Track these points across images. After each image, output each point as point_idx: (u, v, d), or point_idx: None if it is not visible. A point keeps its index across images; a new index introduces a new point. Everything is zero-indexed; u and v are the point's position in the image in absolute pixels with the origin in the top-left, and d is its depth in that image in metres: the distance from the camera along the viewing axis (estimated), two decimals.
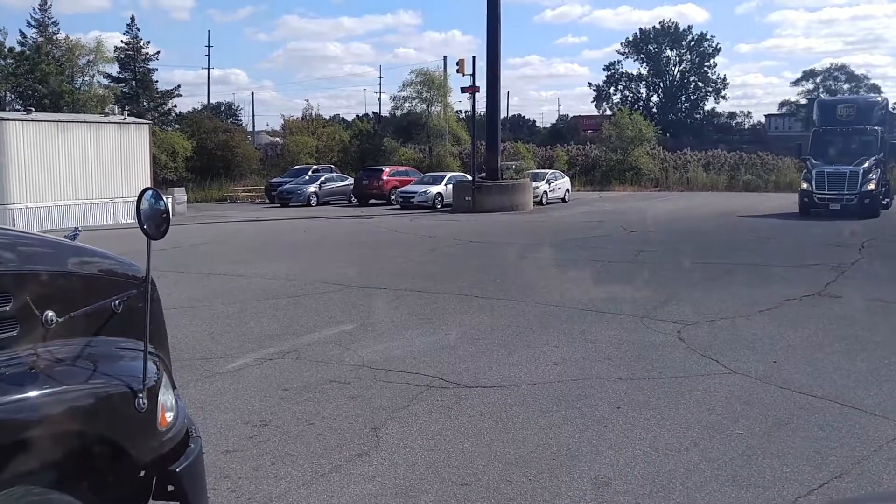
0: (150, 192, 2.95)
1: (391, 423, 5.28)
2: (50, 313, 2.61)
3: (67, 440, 2.40)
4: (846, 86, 77.56)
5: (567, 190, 34.92)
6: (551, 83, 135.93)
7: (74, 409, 2.47)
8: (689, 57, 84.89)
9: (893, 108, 62.02)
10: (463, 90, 31.12)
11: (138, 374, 2.70)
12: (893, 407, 5.48)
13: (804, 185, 23.77)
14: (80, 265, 3.07)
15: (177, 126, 46.31)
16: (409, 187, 32.67)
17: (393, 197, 33.23)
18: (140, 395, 2.66)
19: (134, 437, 2.71)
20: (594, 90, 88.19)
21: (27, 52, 41.38)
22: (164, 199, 3.04)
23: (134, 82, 47.20)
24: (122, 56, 47.09)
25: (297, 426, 5.25)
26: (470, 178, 31.02)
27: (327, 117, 58.65)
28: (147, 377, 2.72)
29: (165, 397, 2.90)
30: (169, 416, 2.90)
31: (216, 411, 5.52)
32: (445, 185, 31.99)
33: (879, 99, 29.07)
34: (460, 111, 50.21)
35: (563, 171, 38.78)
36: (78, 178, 24.60)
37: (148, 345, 2.75)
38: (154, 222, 2.89)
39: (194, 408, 4.91)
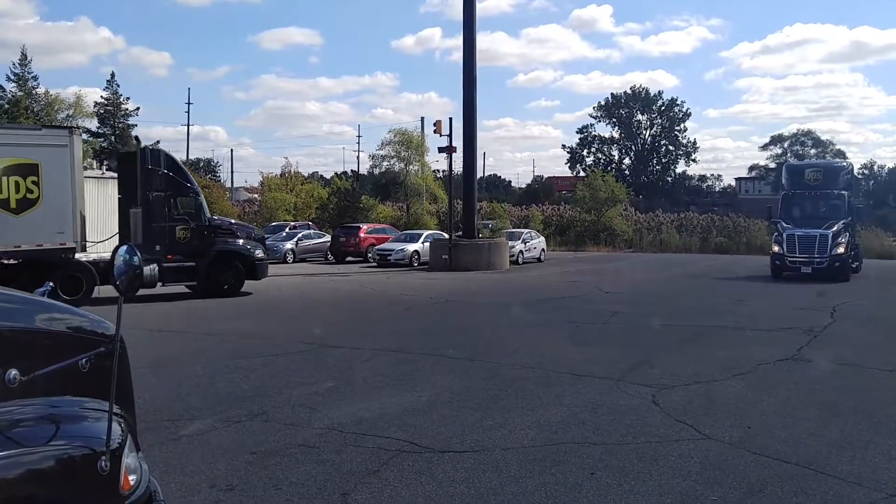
0: (124, 247, 2.92)
1: (361, 488, 5.16)
2: (13, 372, 2.55)
3: None
4: (813, 150, 79.89)
5: (542, 250, 35.17)
6: (525, 145, 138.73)
7: (33, 472, 2.39)
8: (659, 121, 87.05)
9: (859, 174, 63.64)
10: (440, 150, 31.54)
11: (102, 436, 2.64)
12: (867, 473, 5.47)
13: (776, 248, 24.13)
14: (48, 322, 3.02)
15: None
16: (386, 245, 32.72)
17: (370, 254, 33.24)
18: (103, 457, 2.60)
19: (95, 500, 2.64)
20: (568, 152, 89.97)
21: (6, 105, 41.44)
22: (139, 254, 3.00)
23: (113, 137, 47.28)
24: (102, 111, 47.32)
25: (264, 491, 5.11)
26: (447, 236, 31.16)
27: (306, 174, 59.09)
28: (111, 439, 2.65)
29: (129, 459, 2.83)
30: (132, 479, 2.82)
31: (181, 475, 5.37)
32: (422, 243, 32.09)
33: (845, 164, 29.79)
34: (437, 170, 50.82)
35: (538, 231, 39.13)
36: None
37: (113, 405, 2.69)
38: (127, 278, 2.85)
39: (159, 471, 4.77)
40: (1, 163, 15.81)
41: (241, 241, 19.22)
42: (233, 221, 21.83)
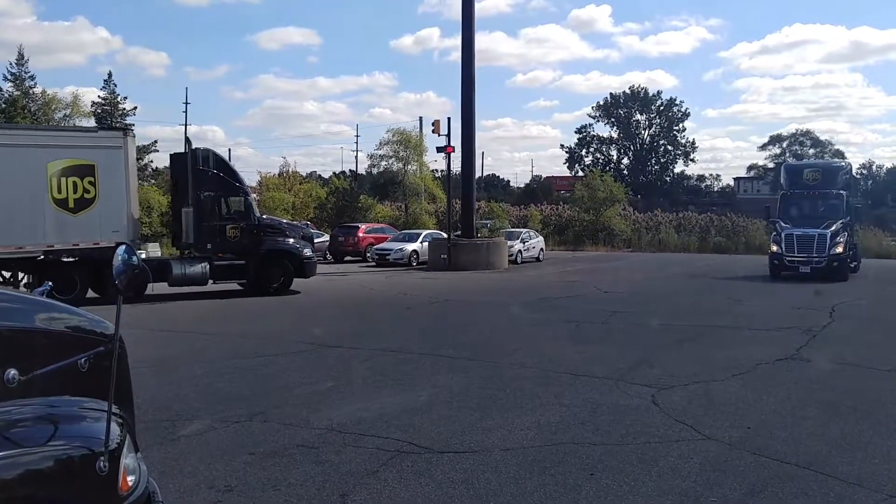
0: (123, 247, 2.91)
1: (360, 489, 5.15)
2: (12, 372, 2.55)
3: None
4: (811, 150, 79.92)
5: (541, 249, 35.16)
6: (524, 144, 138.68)
7: (31, 473, 2.39)
8: (658, 121, 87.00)
9: (857, 174, 63.71)
10: (439, 150, 31.52)
11: (100, 436, 2.63)
12: (867, 474, 5.46)
13: (774, 248, 24.12)
14: (47, 321, 3.02)
15: (153, 181, 46.18)
16: (384, 245, 32.70)
17: (368, 254, 33.21)
18: (102, 457, 2.59)
19: (94, 501, 2.63)
20: (566, 152, 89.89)
21: (3, 105, 41.34)
22: (138, 254, 2.99)
23: None
24: (99, 111, 47.19)
25: (263, 492, 5.10)
26: (445, 236, 31.15)
27: (304, 174, 58.97)
28: (110, 439, 2.64)
29: (128, 460, 2.82)
30: (131, 480, 2.82)
31: (180, 475, 5.36)
32: (421, 242, 32.08)
33: (844, 164, 29.79)
34: (436, 170, 50.79)
35: (537, 231, 39.11)
36: None
37: (112, 405, 2.68)
38: (126, 278, 2.84)
39: (157, 471, 4.76)
40: (59, 164, 16.39)
41: (290, 240, 19.55)
42: (284, 221, 22.38)
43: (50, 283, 3.97)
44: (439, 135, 30.62)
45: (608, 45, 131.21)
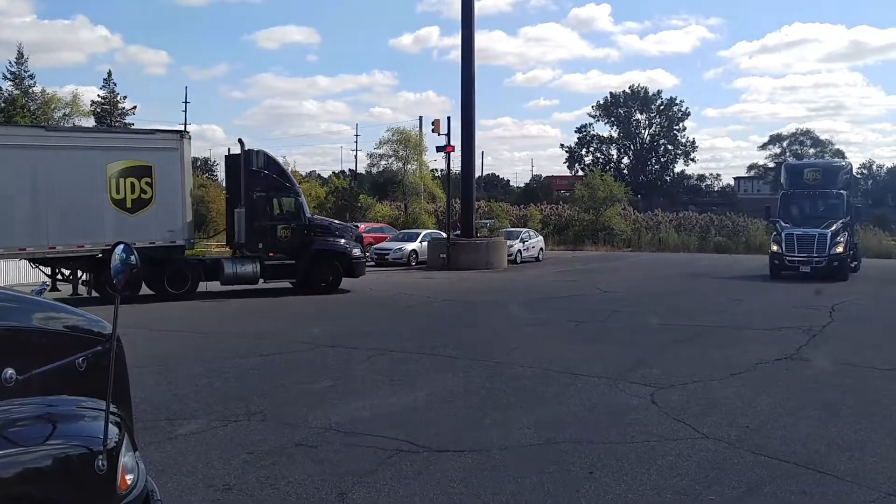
0: (121, 246, 2.91)
1: (358, 488, 5.15)
2: (10, 371, 2.55)
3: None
4: (812, 150, 79.90)
5: (541, 249, 35.15)
6: (524, 144, 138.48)
7: (30, 472, 2.39)
8: (658, 120, 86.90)
9: (857, 173, 63.69)
10: (438, 149, 31.51)
11: (99, 435, 2.63)
12: (866, 472, 5.47)
13: (774, 248, 24.12)
14: (44, 321, 3.01)
15: None
16: (384, 244, 32.68)
17: (368, 253, 33.19)
18: (100, 456, 2.59)
19: (92, 499, 2.63)
20: (566, 151, 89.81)
21: (2, 104, 41.37)
22: (136, 254, 3.00)
23: None
24: (98, 110, 47.22)
25: (262, 491, 5.10)
26: (445, 235, 31.14)
27: (304, 173, 58.93)
28: (108, 438, 2.65)
29: (126, 459, 2.82)
30: (129, 479, 2.82)
31: (178, 474, 5.36)
32: (420, 242, 32.05)
33: (844, 163, 29.78)
34: (435, 169, 50.77)
35: (536, 231, 39.10)
36: None
37: (110, 404, 2.68)
38: (124, 277, 2.85)
39: (156, 470, 4.76)
40: (118, 165, 16.94)
41: (340, 241, 19.80)
42: (335, 221, 22.72)
43: (47, 284, 3.97)
44: (439, 134, 30.61)
45: (608, 44, 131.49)
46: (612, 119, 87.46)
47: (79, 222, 16.39)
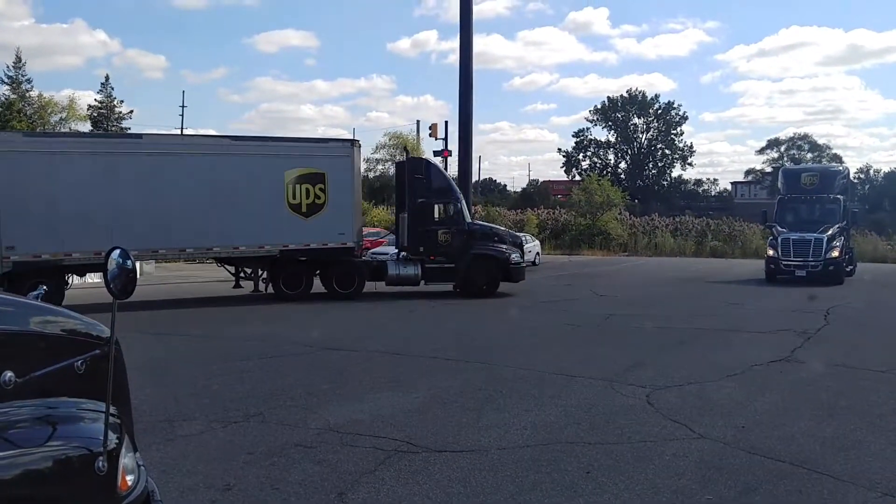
0: (118, 251, 2.94)
1: (358, 488, 5.18)
2: (9, 374, 2.56)
3: None
4: (809, 154, 79.99)
5: (537, 253, 35.16)
6: (521, 148, 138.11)
7: (30, 473, 2.41)
8: (655, 125, 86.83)
9: (854, 178, 63.77)
10: (436, 154, 31.62)
11: (99, 437, 2.65)
12: (861, 472, 5.51)
13: (770, 252, 24.18)
14: (42, 325, 3.03)
15: None
16: (381, 248, 32.64)
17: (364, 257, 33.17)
18: (100, 457, 2.61)
19: (93, 500, 2.65)
20: (563, 156, 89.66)
21: None
22: (132, 258, 3.02)
23: None
24: (95, 114, 47.16)
25: (262, 491, 5.13)
26: None
27: None
28: (108, 439, 2.67)
29: (126, 460, 2.84)
30: (130, 480, 2.84)
31: (178, 475, 5.38)
32: None
33: (841, 168, 29.91)
34: None
35: (533, 235, 39.12)
36: None
37: (110, 406, 2.70)
38: (121, 281, 2.87)
39: (156, 471, 4.77)
40: (295, 172, 18.23)
41: (501, 246, 20.12)
42: (497, 227, 23.61)
43: (45, 287, 3.98)
44: (436, 138, 30.83)
45: (606, 48, 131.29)
46: (610, 123, 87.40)
47: (260, 225, 17.72)
